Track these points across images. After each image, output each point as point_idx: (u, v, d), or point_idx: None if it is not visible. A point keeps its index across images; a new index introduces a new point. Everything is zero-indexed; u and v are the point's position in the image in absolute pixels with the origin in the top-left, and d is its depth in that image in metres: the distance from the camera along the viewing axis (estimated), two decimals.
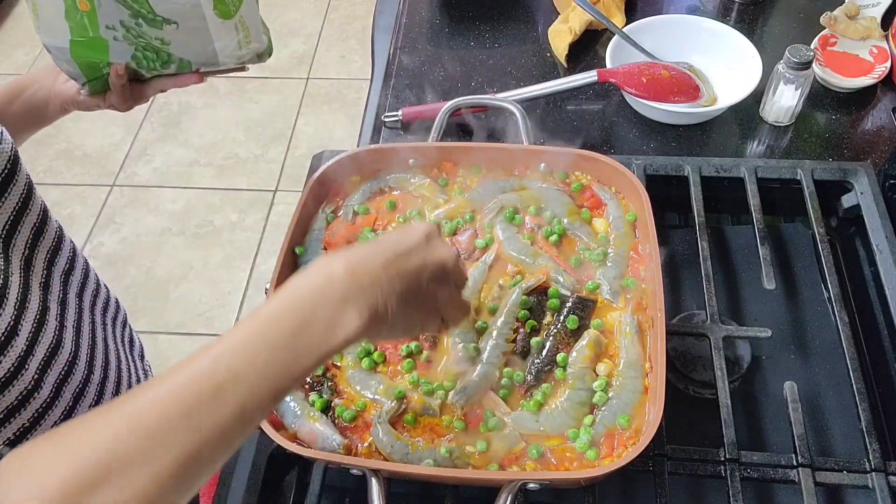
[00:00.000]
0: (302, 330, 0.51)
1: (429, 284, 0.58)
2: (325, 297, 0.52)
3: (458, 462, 0.71)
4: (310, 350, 0.51)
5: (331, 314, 0.52)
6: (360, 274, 0.54)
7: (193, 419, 0.46)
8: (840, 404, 0.83)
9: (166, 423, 0.45)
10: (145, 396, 0.47)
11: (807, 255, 0.96)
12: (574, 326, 0.78)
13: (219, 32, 0.79)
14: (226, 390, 0.47)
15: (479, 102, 1.06)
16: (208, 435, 0.46)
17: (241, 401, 0.48)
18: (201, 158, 2.59)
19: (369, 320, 0.53)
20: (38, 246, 0.77)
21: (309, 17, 3.04)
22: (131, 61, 0.80)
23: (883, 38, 1.15)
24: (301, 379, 0.52)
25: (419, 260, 0.57)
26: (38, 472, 0.44)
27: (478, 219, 0.89)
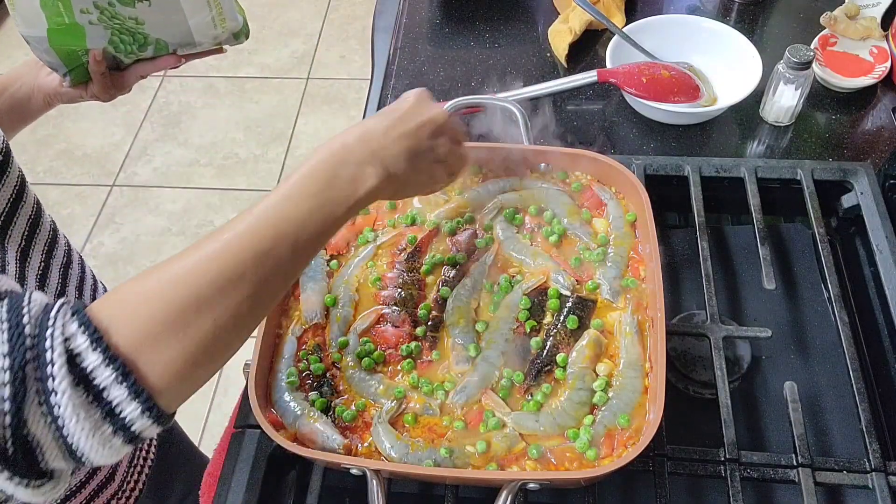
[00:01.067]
0: (330, 183, 0.59)
1: (430, 141, 0.66)
2: (344, 159, 0.61)
3: (458, 462, 0.71)
4: (340, 199, 0.59)
5: (352, 172, 0.60)
6: (368, 140, 0.62)
7: (261, 253, 0.54)
8: (840, 404, 0.83)
9: (241, 256, 0.53)
10: (216, 242, 0.54)
11: (807, 255, 0.96)
12: (574, 326, 0.78)
13: (192, 9, 0.80)
14: (282, 229, 0.56)
15: (479, 102, 1.06)
16: (273, 265, 0.55)
17: (295, 239, 0.56)
18: (201, 158, 2.59)
19: (384, 177, 0.62)
20: (35, 238, 0.77)
21: (309, 17, 3.04)
22: (108, 46, 0.80)
23: (883, 38, 1.15)
24: (338, 224, 0.61)
25: (415, 121, 0.66)
26: (142, 315, 0.49)
27: (478, 219, 0.89)
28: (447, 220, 0.88)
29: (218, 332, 0.51)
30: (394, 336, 0.80)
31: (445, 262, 0.85)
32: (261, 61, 2.88)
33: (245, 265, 0.53)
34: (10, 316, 0.46)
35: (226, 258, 0.53)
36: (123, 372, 0.47)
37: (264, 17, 3.02)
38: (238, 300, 0.52)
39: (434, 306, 0.82)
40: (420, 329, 0.80)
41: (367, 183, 0.61)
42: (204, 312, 0.51)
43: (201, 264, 0.52)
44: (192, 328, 0.50)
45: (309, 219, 0.58)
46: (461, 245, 0.86)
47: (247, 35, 0.89)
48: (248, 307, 0.53)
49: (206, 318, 0.51)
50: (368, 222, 0.89)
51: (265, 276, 0.54)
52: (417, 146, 0.65)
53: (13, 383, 0.44)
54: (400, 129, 0.64)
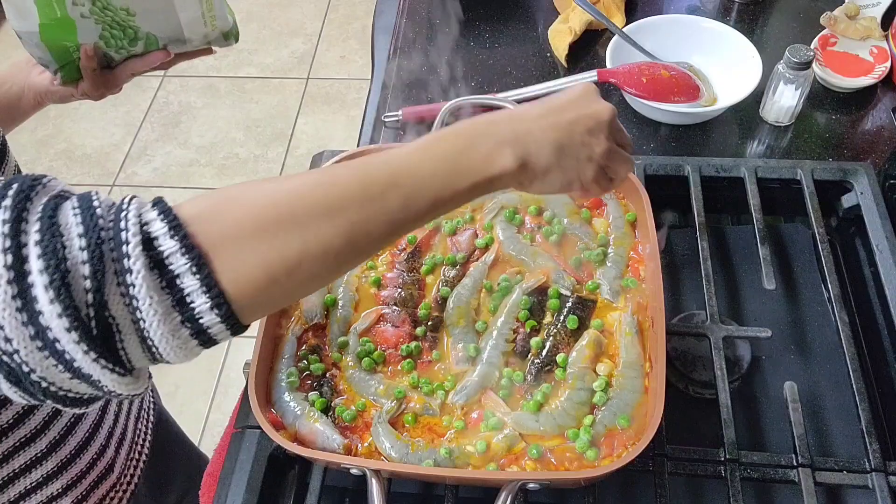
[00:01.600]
0: (464, 152, 0.56)
1: (583, 136, 0.61)
2: (486, 132, 0.58)
3: (458, 462, 0.71)
4: (469, 170, 0.56)
5: (489, 147, 0.57)
6: (517, 123, 0.59)
7: (369, 194, 0.52)
8: (840, 404, 0.83)
9: (349, 192, 0.52)
10: (327, 171, 0.53)
11: (807, 255, 0.96)
12: (574, 326, 0.78)
13: (183, 2, 0.81)
14: (398, 179, 0.54)
15: (479, 102, 1.06)
16: (378, 212, 0.52)
17: (409, 193, 0.53)
18: (201, 158, 2.59)
19: (521, 163, 0.58)
20: None
21: (309, 17, 3.04)
22: (100, 41, 0.81)
23: (883, 38, 1.15)
24: (457, 198, 0.56)
25: (573, 114, 0.61)
26: (236, 214, 0.49)
27: (478, 219, 0.89)
28: (447, 220, 0.88)
29: (304, 258, 0.49)
30: (394, 336, 0.80)
31: (445, 262, 0.85)
32: (261, 61, 2.88)
33: (349, 200, 0.51)
34: (81, 203, 0.46)
35: (331, 187, 0.51)
36: (198, 263, 0.46)
37: (264, 17, 3.02)
38: (332, 233, 0.50)
39: (434, 306, 0.82)
40: (420, 329, 0.80)
41: (502, 162, 0.57)
42: (294, 232, 0.49)
43: (304, 187, 0.51)
44: (279, 242, 0.48)
45: (430, 179, 0.55)
46: (461, 245, 0.86)
47: (236, 38, 0.89)
48: (340, 244, 0.51)
49: (294, 238, 0.49)
50: None
51: (367, 218, 0.52)
52: (568, 140, 0.60)
53: (91, 262, 0.43)
54: (553, 119, 0.60)
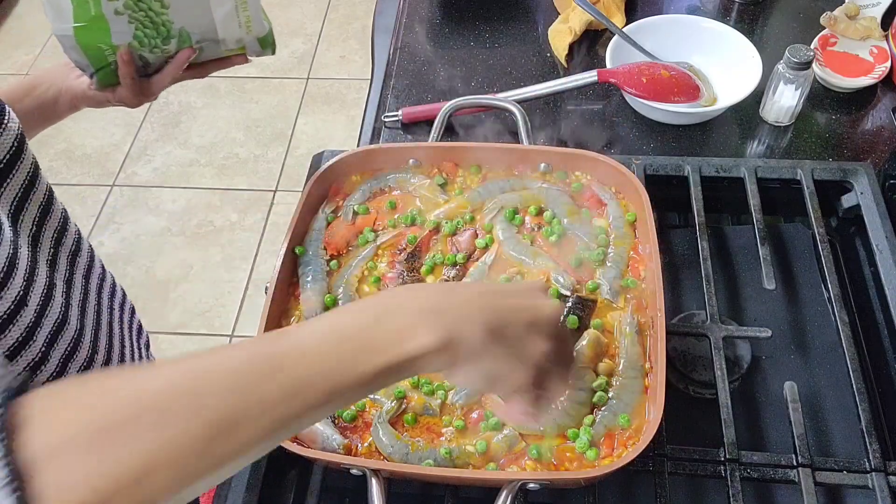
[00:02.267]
0: (370, 327, 0.48)
1: (519, 330, 0.53)
2: (403, 305, 0.50)
3: (458, 462, 0.71)
4: (375, 349, 0.48)
5: (404, 322, 0.49)
6: (446, 296, 0.52)
7: (242, 384, 0.44)
8: (840, 404, 0.83)
9: (214, 382, 0.43)
10: (221, 354, 0.46)
11: (807, 255, 0.96)
12: (574, 326, 0.78)
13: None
14: (283, 362, 0.45)
15: (479, 102, 1.06)
16: (251, 405, 0.44)
17: (294, 380, 0.45)
18: (201, 158, 2.59)
19: (443, 343, 0.49)
20: (45, 224, 0.78)
21: (309, 17, 3.04)
22: (133, 41, 0.81)
23: (883, 38, 1.15)
24: (361, 386, 0.48)
25: (515, 301, 0.54)
26: (69, 416, 0.41)
27: (478, 219, 0.89)
28: (447, 220, 0.88)
29: (150, 468, 0.40)
30: None
31: (445, 262, 0.85)
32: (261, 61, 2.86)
33: (212, 394, 0.43)
34: None
35: (192, 376, 0.43)
36: (13, 483, 0.38)
37: None
38: (189, 437, 0.41)
39: None
40: None
41: (417, 341, 0.48)
42: (139, 437, 0.40)
43: (159, 380, 0.43)
44: (118, 451, 0.40)
45: (323, 362, 0.46)
46: (461, 245, 0.86)
47: (273, 48, 0.89)
48: (200, 447, 0.42)
49: (139, 444, 0.40)
50: (368, 222, 0.89)
51: (234, 415, 0.43)
52: (504, 326, 0.52)
53: None
54: (492, 300, 0.53)
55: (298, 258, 0.86)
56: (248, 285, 2.25)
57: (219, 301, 2.21)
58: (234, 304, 2.20)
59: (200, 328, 2.15)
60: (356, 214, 0.89)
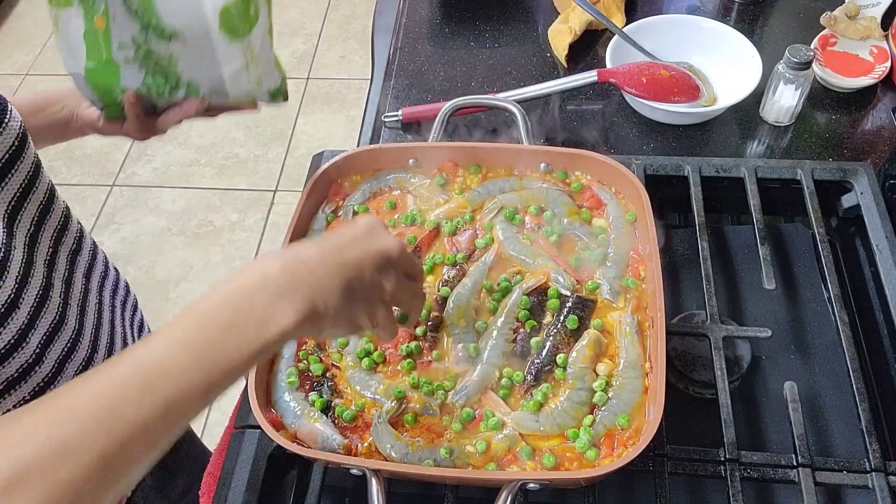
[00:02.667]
0: (234, 324, 0.50)
1: (372, 275, 0.57)
2: (258, 292, 0.51)
3: (458, 462, 0.71)
4: (241, 345, 0.50)
5: (264, 309, 0.51)
6: (295, 268, 0.53)
7: (118, 412, 0.45)
8: (840, 404, 0.83)
9: (94, 415, 0.45)
10: (81, 388, 0.47)
11: (807, 255, 0.96)
12: (574, 326, 0.78)
13: (225, 55, 0.78)
14: (154, 384, 0.47)
15: (479, 102, 1.06)
16: (133, 428, 0.45)
17: (168, 395, 0.47)
18: (201, 158, 2.59)
19: (306, 314, 0.52)
20: (45, 224, 0.77)
21: (309, 17, 3.04)
22: (142, 87, 0.80)
23: (883, 38, 1.15)
24: (235, 375, 0.50)
25: (359, 251, 0.57)
26: None
27: (478, 219, 0.89)
28: (447, 220, 0.88)
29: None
30: None
31: (445, 262, 0.85)
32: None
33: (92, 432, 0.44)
34: None
35: (65, 425, 0.44)
36: None
37: None
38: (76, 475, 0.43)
39: (434, 306, 0.82)
40: (420, 329, 0.80)
41: (281, 323, 0.51)
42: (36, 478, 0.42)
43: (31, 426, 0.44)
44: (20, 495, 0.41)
45: (192, 372, 0.48)
46: (461, 245, 0.86)
47: (285, 97, 0.87)
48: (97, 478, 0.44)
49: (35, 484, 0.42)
50: None
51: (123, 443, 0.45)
52: (358, 280, 0.55)
53: None
54: (339, 258, 0.55)
55: None
56: None
57: None
58: None
59: None
60: (356, 214, 0.89)
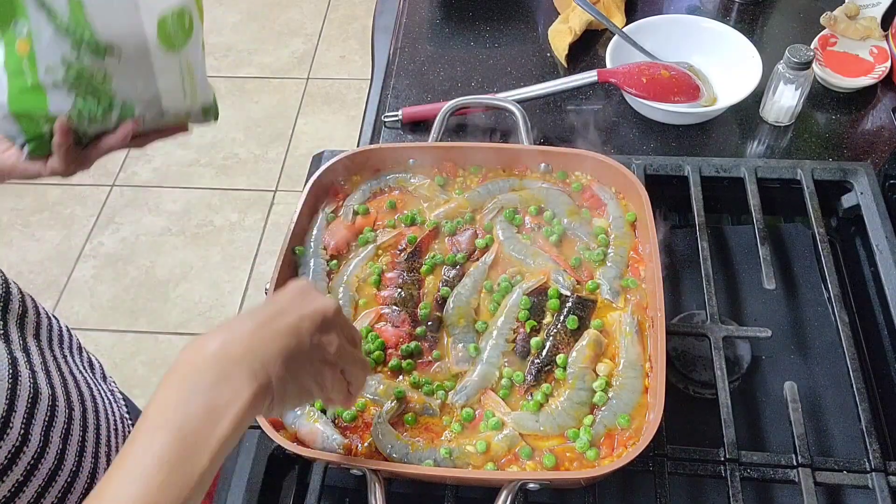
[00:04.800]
0: (183, 434, 0.48)
1: (312, 337, 0.55)
2: (195, 389, 0.49)
3: (458, 462, 0.71)
4: (198, 452, 0.48)
5: (207, 405, 0.49)
6: (229, 346, 0.51)
7: None
8: (840, 404, 0.83)
9: None
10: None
11: (807, 255, 0.96)
12: (574, 326, 0.78)
13: (162, 68, 0.74)
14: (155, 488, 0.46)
15: (479, 102, 1.06)
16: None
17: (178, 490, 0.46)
18: (201, 158, 2.59)
19: (252, 395, 0.50)
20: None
21: (309, 17, 3.04)
22: (72, 111, 0.74)
23: (883, 38, 1.15)
24: (207, 479, 0.49)
25: (294, 316, 0.54)
26: None
27: (478, 219, 0.89)
28: (447, 220, 0.88)
29: None
30: (394, 336, 0.80)
31: (445, 262, 0.85)
32: (261, 61, 2.88)
33: None
34: None
35: None
36: None
37: (264, 17, 3.02)
38: None
39: (434, 306, 0.82)
40: (420, 329, 0.80)
41: (231, 409, 0.49)
42: None
43: None
44: None
45: (166, 496, 0.46)
46: (461, 245, 0.86)
47: (216, 115, 0.83)
48: None
49: None
50: (368, 222, 0.89)
51: None
52: (298, 346, 0.53)
53: None
54: (274, 327, 0.53)
55: (298, 258, 0.86)
56: (248, 285, 2.25)
57: (219, 301, 2.21)
58: (234, 304, 2.20)
59: (200, 328, 2.15)
60: (356, 214, 0.89)
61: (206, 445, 0.48)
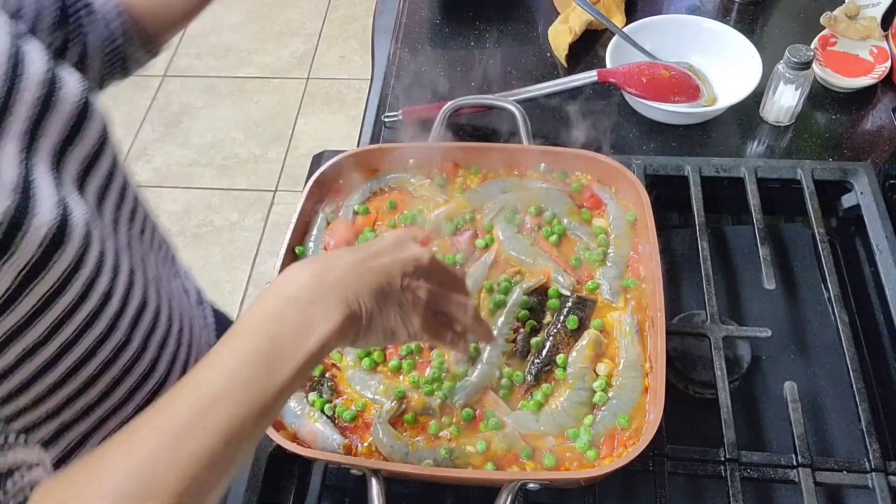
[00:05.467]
0: (274, 341, 0.50)
1: (403, 281, 0.57)
2: (292, 303, 0.52)
3: (458, 462, 0.71)
4: (285, 360, 0.50)
5: (301, 319, 0.51)
6: (325, 274, 0.54)
7: (182, 447, 0.46)
8: (840, 404, 0.83)
9: (160, 453, 0.46)
10: (145, 428, 0.48)
11: (807, 255, 0.96)
12: (574, 326, 0.78)
13: None
14: (210, 415, 0.47)
15: (479, 102, 1.06)
16: (198, 461, 0.46)
17: (227, 422, 0.48)
18: (201, 158, 2.59)
19: (343, 317, 0.53)
20: (108, 195, 0.71)
21: (309, 17, 3.04)
22: None
23: (883, 38, 1.15)
24: (286, 393, 0.51)
25: (388, 258, 0.57)
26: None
27: (478, 219, 0.89)
28: (447, 220, 0.88)
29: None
30: None
31: (445, 262, 0.85)
32: (261, 61, 2.88)
33: (166, 473, 0.46)
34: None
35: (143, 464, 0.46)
36: None
37: (264, 17, 3.02)
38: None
39: None
40: None
41: (321, 330, 0.51)
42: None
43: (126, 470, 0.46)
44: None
45: (246, 395, 0.49)
46: (461, 245, 0.86)
47: None
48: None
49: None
50: (368, 222, 0.89)
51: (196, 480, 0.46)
52: (389, 283, 0.56)
53: None
54: (368, 264, 0.56)
55: (298, 258, 0.86)
56: (248, 285, 2.25)
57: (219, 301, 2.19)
58: (235, 304, 2.20)
59: None
60: (356, 214, 0.89)
61: (292, 357, 0.50)
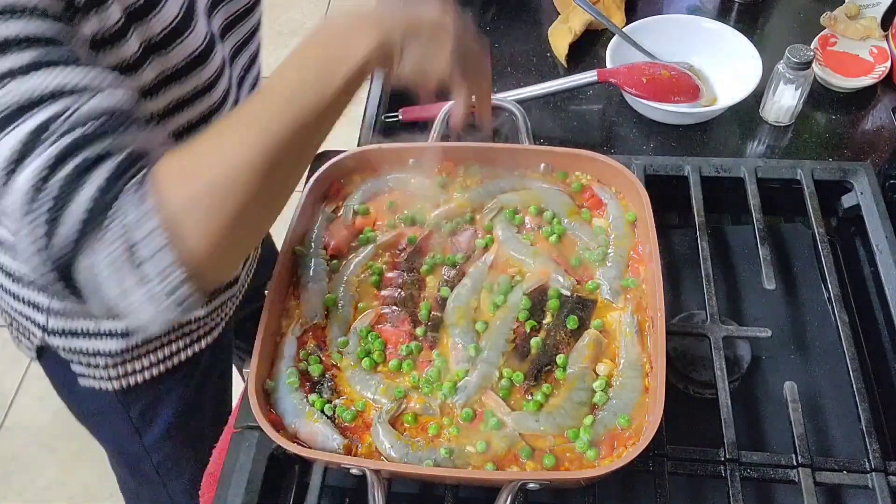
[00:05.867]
0: (322, 59, 0.63)
1: (431, 26, 0.67)
2: (333, 31, 0.65)
3: (458, 462, 0.71)
4: (336, 72, 0.62)
5: (346, 40, 0.64)
6: (360, 11, 0.66)
7: (270, 124, 0.61)
8: (840, 404, 0.83)
9: (248, 127, 0.62)
10: (237, 115, 0.65)
11: (807, 255, 0.96)
12: (574, 326, 0.78)
13: None
14: (288, 101, 0.62)
15: None
16: (282, 137, 0.60)
17: (301, 109, 0.62)
18: None
19: (379, 41, 0.64)
20: (241, 56, 0.91)
21: (309, 17, 3.04)
22: None
23: (883, 38, 1.15)
24: (337, 106, 0.63)
25: (418, 7, 0.67)
26: (186, 177, 0.58)
27: (478, 219, 0.89)
28: (447, 221, 0.88)
29: (248, 215, 0.60)
30: (394, 336, 0.80)
31: (445, 262, 0.85)
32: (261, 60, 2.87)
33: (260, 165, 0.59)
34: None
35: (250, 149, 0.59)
36: None
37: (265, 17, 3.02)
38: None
39: (434, 306, 0.82)
40: (420, 329, 0.80)
41: (360, 48, 0.63)
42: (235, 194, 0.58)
43: (239, 155, 0.59)
44: (221, 211, 0.58)
45: (318, 81, 0.62)
46: (461, 245, 0.86)
47: None
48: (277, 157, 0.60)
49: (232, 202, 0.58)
50: (368, 222, 0.89)
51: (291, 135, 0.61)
52: (417, 25, 0.66)
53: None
54: (401, 7, 0.67)
55: (298, 258, 0.86)
56: None
57: None
58: None
59: None
60: (356, 214, 0.89)
61: (340, 70, 0.62)
